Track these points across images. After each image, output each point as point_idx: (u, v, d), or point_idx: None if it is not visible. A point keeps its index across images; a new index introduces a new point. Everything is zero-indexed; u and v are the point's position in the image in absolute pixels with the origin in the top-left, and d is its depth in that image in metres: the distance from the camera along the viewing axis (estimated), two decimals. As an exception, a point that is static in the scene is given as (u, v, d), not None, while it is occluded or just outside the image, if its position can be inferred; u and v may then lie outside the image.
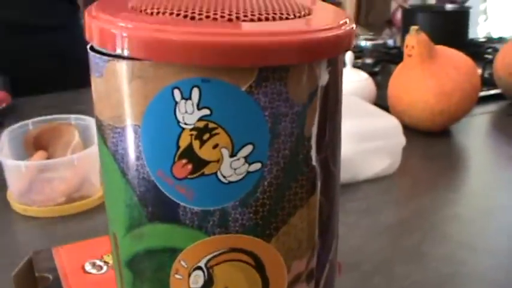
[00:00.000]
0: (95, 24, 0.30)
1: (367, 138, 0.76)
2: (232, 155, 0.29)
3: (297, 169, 0.31)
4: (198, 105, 0.29)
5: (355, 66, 1.02)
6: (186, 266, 0.31)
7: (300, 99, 0.30)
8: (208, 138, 0.29)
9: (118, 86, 0.30)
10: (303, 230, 0.32)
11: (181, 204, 0.30)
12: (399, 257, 0.61)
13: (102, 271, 0.54)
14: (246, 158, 0.30)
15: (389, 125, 0.78)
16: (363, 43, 1.27)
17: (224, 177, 0.30)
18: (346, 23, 0.32)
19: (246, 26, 0.29)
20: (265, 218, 0.31)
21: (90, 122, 0.80)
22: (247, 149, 0.29)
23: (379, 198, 0.74)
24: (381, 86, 0.99)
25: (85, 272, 0.54)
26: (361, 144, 0.75)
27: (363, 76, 0.96)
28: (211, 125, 0.29)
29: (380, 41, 1.25)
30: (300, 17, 0.32)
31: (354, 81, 0.94)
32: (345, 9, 3.45)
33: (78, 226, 0.70)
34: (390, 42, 1.27)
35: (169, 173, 0.30)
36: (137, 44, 0.28)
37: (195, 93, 0.28)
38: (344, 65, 0.65)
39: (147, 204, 0.31)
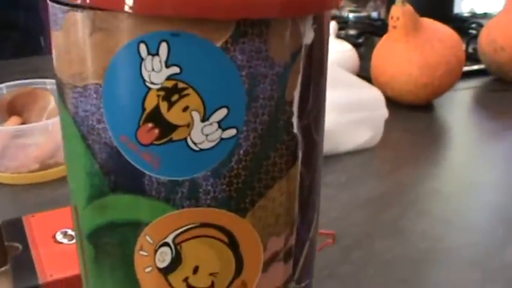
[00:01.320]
0: (54, -30, 0.26)
1: (349, 109, 0.72)
2: (204, 119, 0.25)
3: (276, 137, 0.27)
4: (166, 62, 0.24)
5: (338, 37, 0.98)
6: (151, 241, 0.27)
7: (282, 58, 0.26)
8: (178, 100, 0.25)
9: (78, 39, 0.26)
10: (282, 204, 0.29)
11: (147, 173, 0.26)
12: (378, 231, 0.58)
13: (74, 241, 0.51)
14: (219, 122, 0.26)
15: (372, 96, 0.75)
16: (346, 15, 1.23)
17: (195, 144, 0.26)
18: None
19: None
20: (239, 191, 0.27)
21: (67, 87, 0.76)
22: (221, 113, 0.25)
23: (360, 171, 0.71)
24: (364, 58, 0.95)
25: (56, 241, 0.51)
26: (343, 115, 0.71)
27: (347, 47, 0.92)
28: (180, 85, 0.25)
29: (364, 13, 1.21)
30: (283, -33, 0.28)
31: (337, 52, 0.90)
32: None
33: (52, 194, 0.66)
34: (374, 14, 1.23)
35: (133, 138, 0.26)
36: (98, -8, 0.24)
37: (163, 48, 0.24)
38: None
39: (109, 173, 0.27)
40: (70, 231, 0.52)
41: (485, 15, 1.31)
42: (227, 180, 0.27)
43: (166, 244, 0.27)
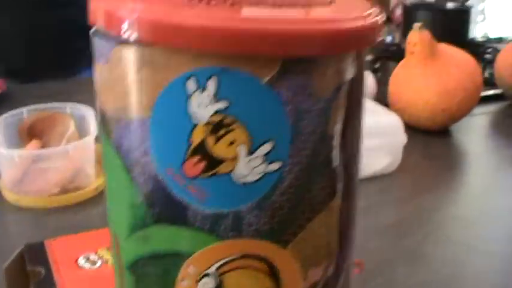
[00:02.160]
0: (100, 5, 0.27)
1: (368, 135, 0.72)
2: (249, 153, 0.26)
3: (318, 170, 0.28)
4: (214, 97, 0.25)
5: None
6: (194, 272, 0.28)
7: (325, 94, 0.27)
8: (224, 134, 0.26)
9: (125, 74, 0.27)
10: (322, 236, 0.29)
11: (192, 205, 0.27)
12: (399, 257, 0.59)
13: (96, 266, 0.51)
14: (264, 156, 0.26)
15: (390, 122, 0.75)
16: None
17: (240, 177, 0.26)
18: (373, 13, 0.29)
19: (270, 12, 0.26)
20: (282, 223, 0.28)
21: (86, 111, 0.76)
22: (267, 147, 0.26)
23: (379, 196, 0.71)
24: (381, 83, 0.96)
25: (78, 266, 0.51)
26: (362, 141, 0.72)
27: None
28: (227, 120, 0.26)
29: (379, 38, 1.22)
30: (324, 4, 0.29)
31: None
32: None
33: (72, 218, 0.67)
34: (389, 39, 1.24)
35: (179, 171, 0.27)
36: (148, 28, 0.25)
37: (212, 83, 0.25)
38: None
39: (153, 205, 0.28)
40: (92, 256, 0.53)
41: (500, 40, 1.32)
42: (270, 212, 0.27)
43: (208, 275, 0.28)
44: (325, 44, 0.26)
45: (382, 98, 0.91)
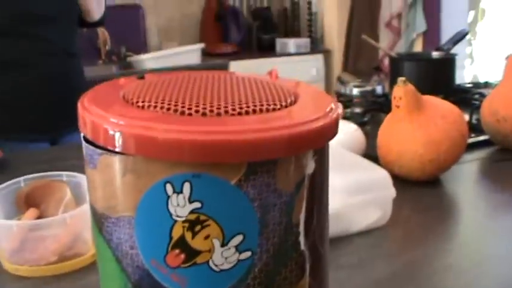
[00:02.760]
0: (88, 117, 0.32)
1: (357, 191, 0.77)
2: (223, 245, 0.31)
3: (286, 255, 0.32)
4: (189, 198, 0.30)
5: (344, 116, 1.03)
6: None
7: (288, 189, 0.31)
8: (200, 230, 0.30)
9: (111, 178, 0.32)
10: (293, 313, 0.34)
11: (175, 292, 0.32)
12: (393, 312, 0.61)
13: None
14: (236, 247, 0.31)
15: (378, 177, 0.79)
16: (350, 90, 1.28)
17: (216, 265, 0.31)
18: (332, 109, 0.33)
19: (235, 122, 0.31)
20: (256, 303, 0.32)
21: (82, 179, 0.81)
22: (238, 239, 0.31)
23: (371, 251, 0.74)
24: (371, 136, 1.00)
25: (79, 336, 0.55)
26: (351, 197, 0.76)
27: (352, 127, 0.98)
28: (202, 217, 0.30)
29: (369, 88, 1.27)
30: (286, 106, 0.34)
31: (344, 133, 0.95)
32: (334, 55, 3.51)
33: (72, 286, 0.70)
34: (379, 88, 1.29)
35: (162, 262, 0.31)
36: (129, 141, 0.30)
37: (187, 187, 0.30)
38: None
39: (141, 292, 0.32)
40: (92, 326, 0.56)
41: (486, 85, 1.36)
42: (245, 295, 0.32)
43: None
44: (286, 147, 0.30)
45: (372, 152, 0.95)
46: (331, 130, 0.33)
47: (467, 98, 1.18)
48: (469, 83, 1.37)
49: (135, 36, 3.24)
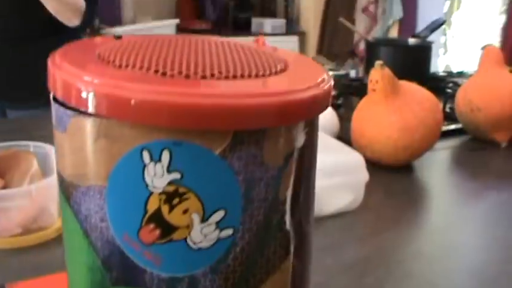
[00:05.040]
0: (59, 75, 0.28)
1: (331, 173, 0.74)
2: (203, 221, 0.27)
3: (270, 235, 0.29)
4: (168, 168, 0.27)
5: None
6: (150, 334, 0.29)
7: (276, 162, 0.28)
8: (178, 203, 0.27)
9: (82, 143, 0.28)
10: (275, 296, 0.31)
11: (148, 270, 0.28)
12: (363, 296, 0.60)
13: (59, 311, 0.51)
14: (217, 223, 0.28)
15: (352, 160, 0.77)
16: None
17: (194, 243, 0.28)
18: (324, 80, 0.30)
19: (221, 86, 0.27)
20: (236, 285, 0.29)
21: (50, 150, 0.77)
22: (219, 215, 0.27)
23: (342, 234, 0.73)
24: (344, 119, 0.98)
25: (41, 312, 0.51)
26: (324, 179, 0.73)
27: (327, 110, 0.95)
28: (181, 190, 0.27)
29: (343, 72, 1.24)
30: (276, 73, 0.30)
31: (318, 114, 0.92)
32: (309, 38, 3.49)
33: (35, 259, 0.66)
34: (353, 73, 1.26)
35: (135, 238, 0.28)
36: (103, 102, 0.26)
37: (165, 156, 0.26)
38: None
39: (111, 269, 0.29)
40: (55, 301, 0.53)
41: (460, 74, 1.35)
42: (224, 276, 0.28)
43: (164, 337, 0.29)
44: (276, 116, 0.27)
45: (345, 135, 0.93)
46: (323, 101, 0.30)
47: (441, 86, 1.17)
48: (442, 72, 1.36)
49: (109, 10, 3.18)
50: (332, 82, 0.31)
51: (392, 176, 0.88)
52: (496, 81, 0.96)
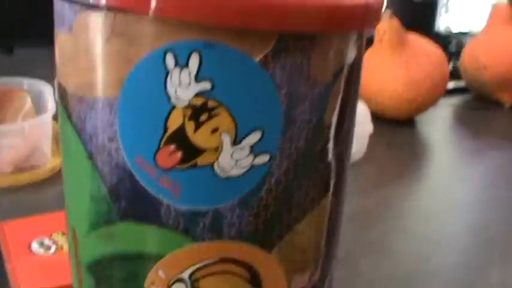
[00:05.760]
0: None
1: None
2: (235, 143, 0.22)
3: (311, 164, 0.23)
4: (196, 76, 0.21)
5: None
6: (165, 276, 0.24)
7: (324, 78, 0.22)
8: (207, 120, 0.21)
9: (91, 45, 0.22)
10: (310, 238, 0.25)
11: (165, 201, 0.22)
12: (363, 249, 0.55)
13: (51, 251, 0.46)
14: (251, 147, 0.22)
15: (358, 111, 0.72)
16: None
17: (222, 170, 0.22)
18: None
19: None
20: (267, 223, 0.23)
21: (45, 87, 0.71)
22: (255, 136, 0.22)
23: (345, 185, 0.68)
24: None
25: (31, 251, 0.46)
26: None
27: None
28: (211, 103, 0.21)
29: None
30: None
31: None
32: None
33: (26, 199, 0.61)
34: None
35: (151, 161, 0.22)
36: (120, -9, 0.20)
37: (194, 60, 0.20)
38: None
39: (119, 199, 0.23)
40: (47, 241, 0.48)
41: (465, 34, 1.30)
42: (255, 211, 0.23)
43: (182, 280, 0.24)
44: (328, 19, 0.21)
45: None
46: (376, 14, 0.24)
47: (445, 44, 1.11)
48: (444, 30, 1.31)
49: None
50: (384, -4, 0.25)
51: (395, 130, 0.84)
52: (504, 40, 0.91)
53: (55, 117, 0.65)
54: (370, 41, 0.84)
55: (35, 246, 0.47)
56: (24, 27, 1.23)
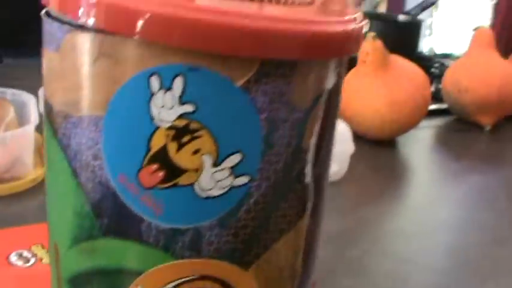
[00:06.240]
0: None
1: (318, 142, 0.70)
2: (215, 165, 0.22)
3: (288, 187, 0.24)
4: (180, 98, 0.22)
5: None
6: (143, 293, 0.24)
7: (303, 103, 0.23)
8: (189, 141, 0.22)
9: (78, 64, 0.23)
10: (287, 257, 0.26)
11: (146, 219, 0.23)
12: (342, 269, 0.56)
13: (29, 264, 0.47)
14: (231, 169, 0.23)
15: (339, 130, 0.72)
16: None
17: (202, 190, 0.23)
18: (356, 18, 0.25)
19: (251, 6, 0.22)
20: (245, 242, 0.24)
21: (28, 99, 0.71)
22: (235, 159, 0.23)
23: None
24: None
25: (10, 263, 0.46)
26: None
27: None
28: (193, 125, 0.22)
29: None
30: (310, 3, 0.25)
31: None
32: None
33: (6, 210, 0.61)
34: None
35: (134, 180, 0.23)
36: (108, 13, 0.21)
37: (178, 83, 0.21)
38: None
39: (101, 215, 0.24)
40: (26, 253, 0.48)
41: (447, 56, 1.31)
42: (233, 231, 0.24)
43: (160, 297, 0.24)
44: (308, 46, 0.22)
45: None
46: (356, 40, 0.25)
47: (428, 66, 1.13)
48: (427, 52, 1.33)
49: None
50: (366, 22, 0.26)
51: (376, 150, 0.85)
52: (485, 63, 0.93)
53: (38, 129, 0.66)
54: (353, 62, 0.85)
55: (13, 258, 0.47)
56: (14, 36, 1.23)
